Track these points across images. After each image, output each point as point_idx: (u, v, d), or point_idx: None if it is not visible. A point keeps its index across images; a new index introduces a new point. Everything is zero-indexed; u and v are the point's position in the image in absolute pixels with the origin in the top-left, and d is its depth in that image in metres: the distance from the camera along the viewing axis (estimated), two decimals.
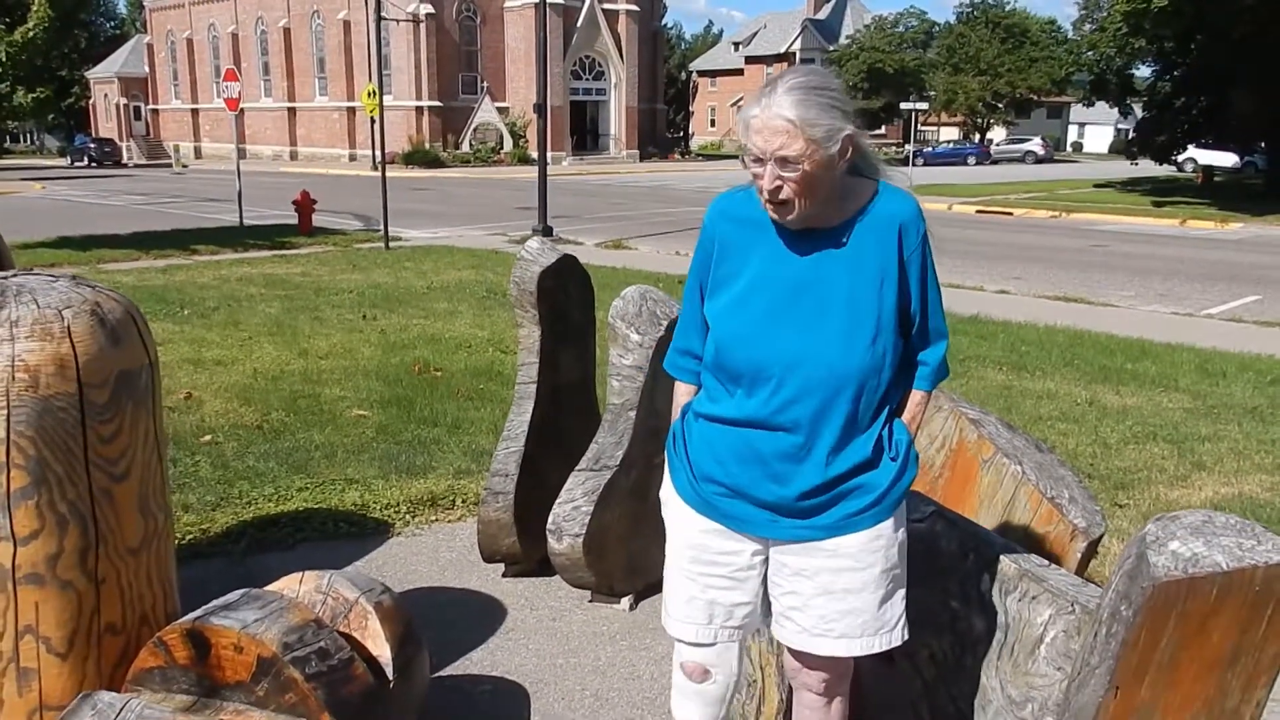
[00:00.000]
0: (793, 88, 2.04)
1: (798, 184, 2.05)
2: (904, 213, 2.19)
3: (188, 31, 63.31)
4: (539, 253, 3.93)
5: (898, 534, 2.26)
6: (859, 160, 2.17)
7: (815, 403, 2.14)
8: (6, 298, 2.42)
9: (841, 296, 2.13)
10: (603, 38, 52.00)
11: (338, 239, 17.35)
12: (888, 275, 2.15)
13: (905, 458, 2.24)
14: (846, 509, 2.19)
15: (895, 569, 2.26)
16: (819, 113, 2.02)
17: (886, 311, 2.15)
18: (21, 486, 2.37)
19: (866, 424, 2.18)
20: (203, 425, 6.12)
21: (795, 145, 2.02)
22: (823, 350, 2.13)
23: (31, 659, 2.45)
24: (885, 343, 2.16)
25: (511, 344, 8.42)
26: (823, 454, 2.16)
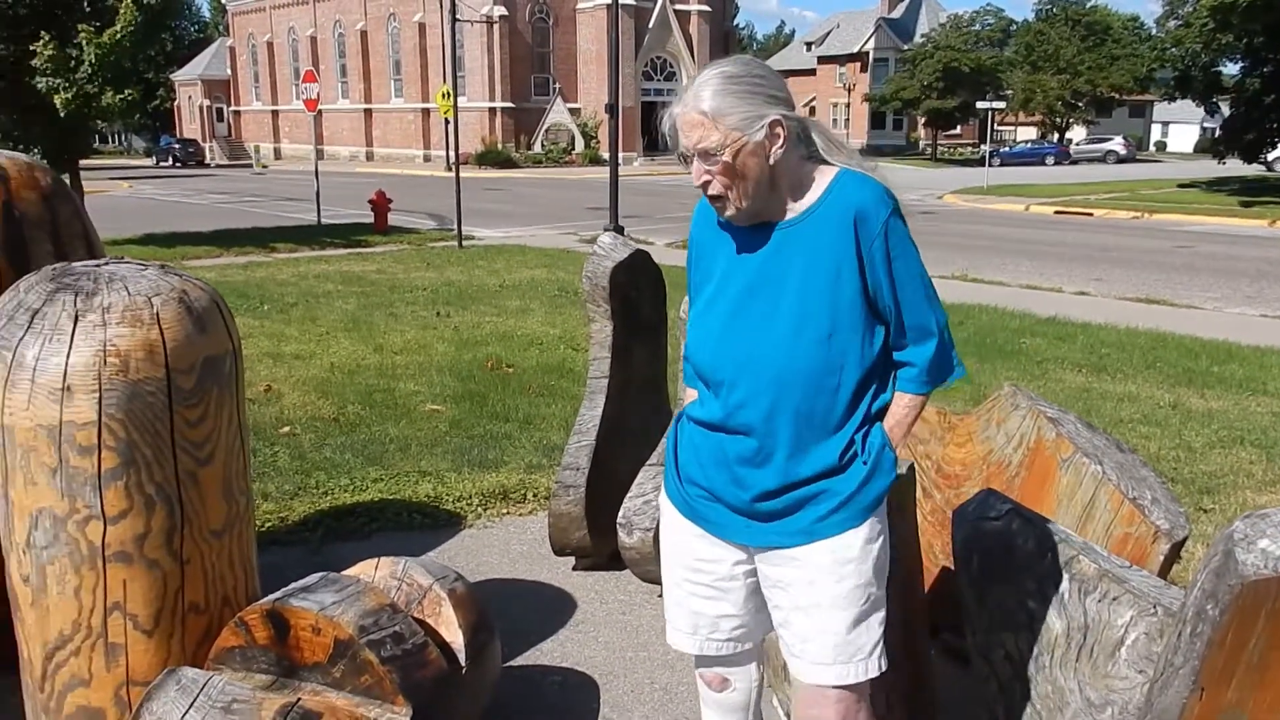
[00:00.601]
0: (708, 79, 2.00)
1: (725, 176, 1.99)
2: (861, 200, 2.03)
3: (268, 35, 64.69)
4: (611, 248, 3.94)
5: (871, 547, 2.11)
6: (815, 146, 2.08)
7: (765, 404, 2.05)
8: (99, 285, 2.50)
9: (792, 292, 2.04)
10: (674, 38, 52.01)
11: (412, 238, 17.61)
12: (845, 268, 2.02)
13: (876, 462, 2.10)
14: (811, 514, 2.09)
15: (870, 588, 2.12)
16: (735, 101, 1.96)
17: (844, 307, 2.03)
18: (111, 468, 2.44)
19: (833, 426, 2.07)
20: (282, 417, 6.25)
21: (712, 137, 1.97)
22: (769, 350, 2.05)
23: (119, 635, 2.52)
24: (845, 341, 2.04)
25: (582, 341, 8.47)
26: (781, 458, 2.07)
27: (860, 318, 2.04)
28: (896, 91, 56.33)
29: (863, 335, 2.05)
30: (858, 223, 2.01)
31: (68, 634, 2.51)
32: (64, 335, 2.40)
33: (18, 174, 3.13)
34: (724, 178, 1.99)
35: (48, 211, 3.16)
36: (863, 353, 2.06)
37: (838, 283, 2.02)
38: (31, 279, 2.57)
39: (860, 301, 2.04)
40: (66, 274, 2.56)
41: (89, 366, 2.39)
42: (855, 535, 2.08)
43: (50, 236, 3.15)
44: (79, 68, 15.74)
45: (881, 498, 2.12)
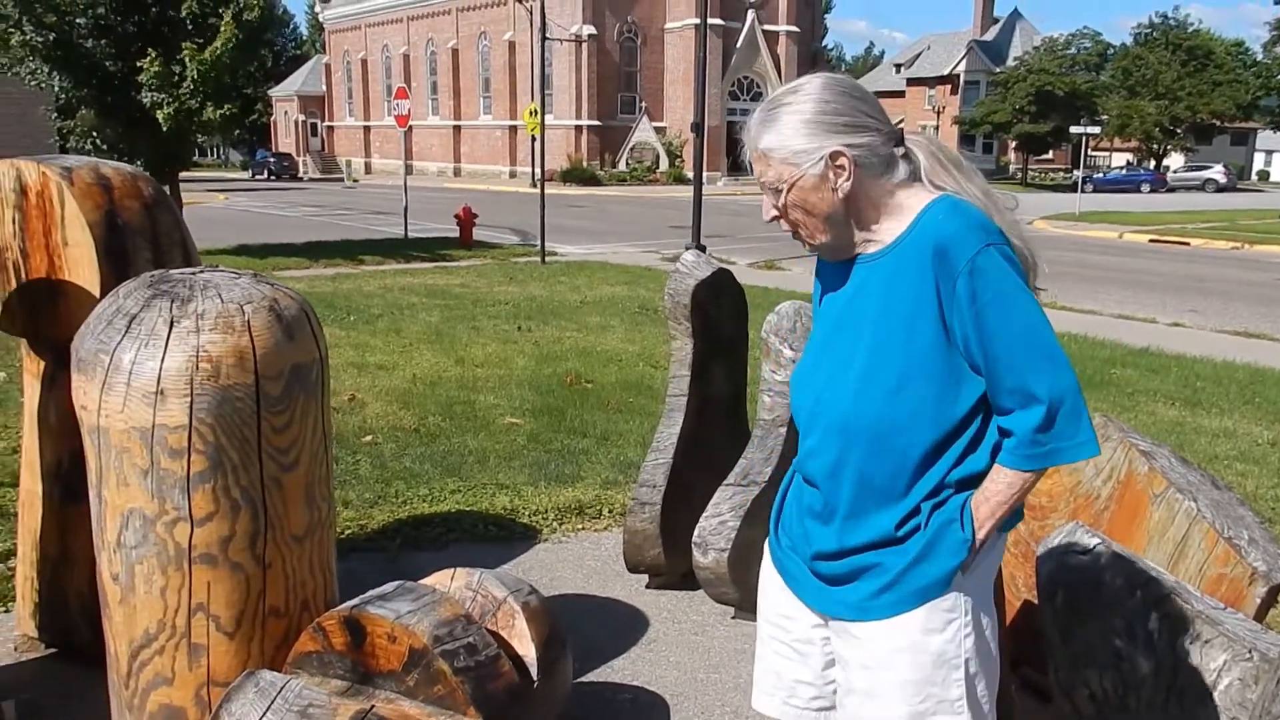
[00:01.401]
0: (761, 110, 1.86)
1: (790, 212, 1.86)
2: (943, 232, 1.77)
3: (363, 52, 66.24)
4: (694, 265, 3.94)
5: (933, 640, 1.84)
6: (919, 169, 1.88)
7: (830, 457, 1.89)
8: (194, 291, 2.57)
9: (868, 336, 1.84)
10: (762, 59, 52.00)
11: (496, 252, 17.82)
12: (921, 311, 1.78)
13: (936, 539, 1.83)
14: (864, 588, 1.89)
15: (931, 688, 1.85)
16: (789, 135, 1.81)
17: (918, 355, 1.79)
18: (200, 471, 2.50)
19: (898, 492, 1.84)
20: (364, 426, 6.36)
21: (769, 173, 1.84)
22: (838, 398, 1.87)
23: (202, 636, 2.57)
24: (919, 393, 1.80)
25: (662, 359, 8.47)
26: (839, 518, 1.90)
27: (939, 369, 1.80)
28: (987, 115, 55.53)
29: (941, 390, 1.80)
30: (937, 258, 1.77)
31: (153, 633, 2.58)
32: (159, 340, 2.47)
33: (121, 184, 3.24)
34: (790, 212, 1.87)
35: (149, 220, 3.26)
36: (940, 410, 1.81)
37: (912, 327, 1.80)
38: (131, 285, 2.65)
39: (940, 350, 1.79)
40: (164, 281, 2.63)
41: (182, 371, 2.45)
42: (910, 620, 1.85)
43: (150, 244, 3.25)
44: (182, 83, 16.30)
45: (944, 582, 1.84)
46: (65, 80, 16.61)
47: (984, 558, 1.91)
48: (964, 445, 1.85)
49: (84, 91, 16.89)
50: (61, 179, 3.11)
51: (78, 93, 16.98)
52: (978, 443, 1.85)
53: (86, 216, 3.09)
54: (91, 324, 2.57)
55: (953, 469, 1.85)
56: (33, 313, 3.27)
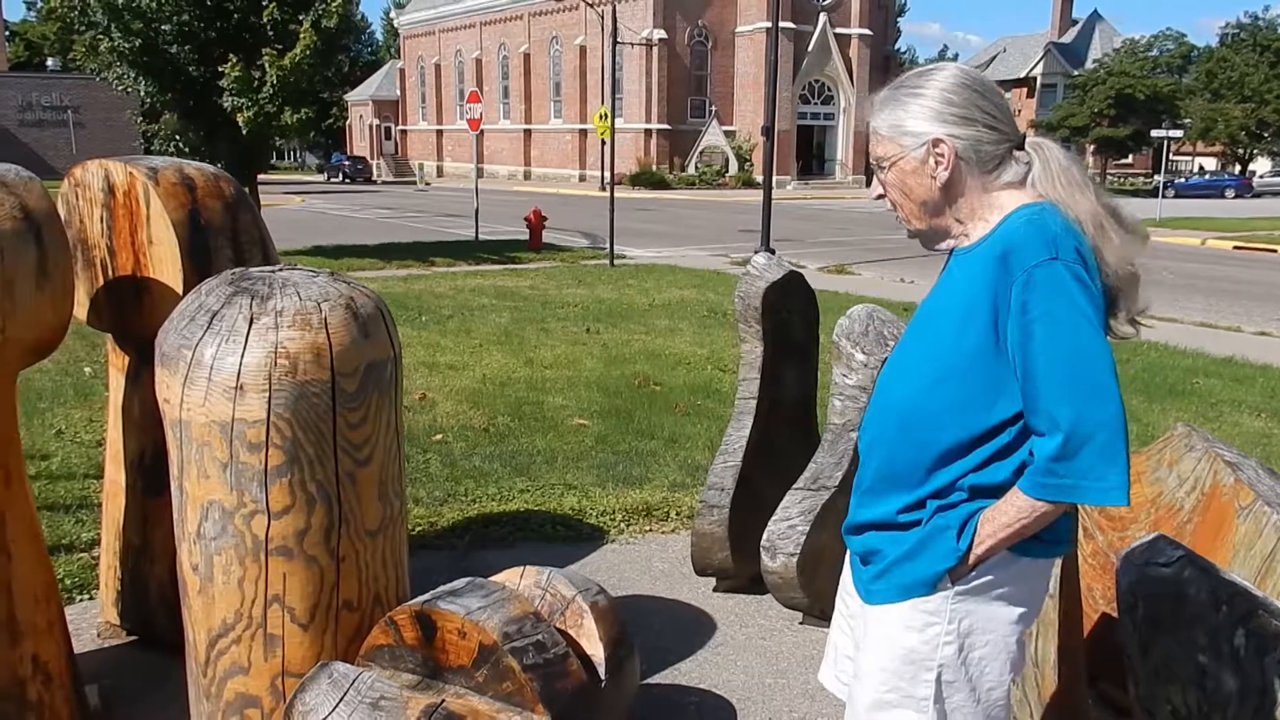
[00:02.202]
0: (887, 89, 1.91)
1: (890, 191, 1.91)
2: (1013, 238, 1.75)
3: (436, 57, 67.10)
4: (765, 268, 3.91)
5: (909, 636, 1.86)
6: (1030, 172, 1.85)
7: (870, 435, 1.97)
8: (273, 289, 2.62)
9: (930, 328, 1.89)
10: (833, 62, 51.63)
11: (565, 255, 17.92)
12: (976, 312, 1.77)
13: (928, 539, 1.84)
14: (866, 571, 1.96)
15: (898, 681, 1.88)
16: (903, 114, 1.85)
17: (962, 355, 1.78)
18: (277, 464, 2.54)
19: (912, 480, 1.86)
20: (435, 425, 6.43)
21: (878, 149, 1.90)
22: (890, 381, 1.95)
23: (277, 627, 2.62)
24: (952, 395, 1.79)
25: (730, 363, 8.44)
26: (860, 491, 1.98)
27: (978, 374, 1.78)
28: (1065, 118, 54.44)
29: (975, 395, 1.78)
30: (1000, 263, 1.75)
31: (230, 622, 2.63)
32: (239, 336, 2.52)
33: (204, 184, 3.31)
34: (890, 192, 1.92)
35: (229, 219, 3.33)
36: (969, 414, 1.79)
37: (962, 329, 1.79)
38: (213, 282, 2.71)
39: (985, 356, 1.77)
40: (244, 278, 2.69)
41: (261, 366, 2.49)
42: (892, 612, 1.89)
43: (231, 243, 3.31)
44: (261, 88, 16.67)
45: (927, 583, 1.84)
46: (150, 85, 17.08)
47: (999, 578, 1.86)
48: (987, 454, 1.81)
49: (168, 96, 17.36)
50: (147, 179, 3.19)
51: (162, 97, 17.46)
52: (1003, 455, 1.81)
53: (171, 216, 3.16)
54: (175, 320, 2.64)
55: (969, 473, 1.82)
56: (119, 309, 3.36)
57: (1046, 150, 1.87)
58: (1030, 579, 1.90)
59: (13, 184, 2.75)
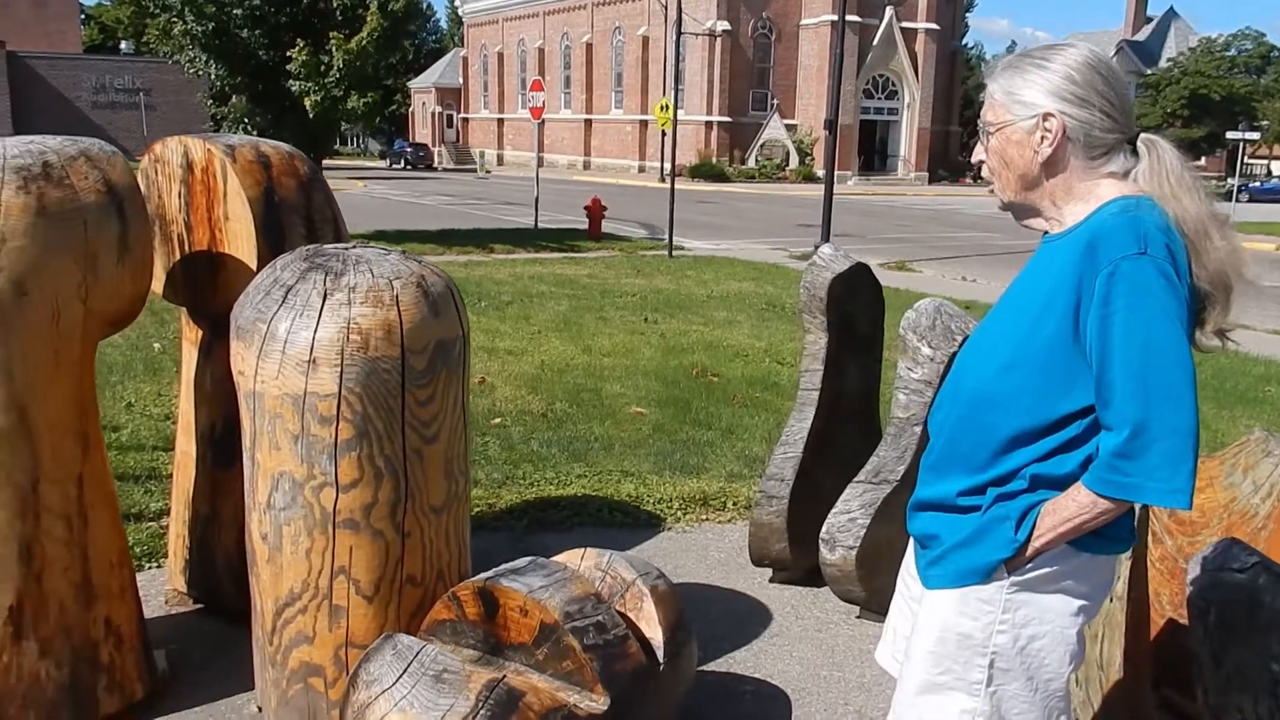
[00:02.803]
0: (1011, 57, 1.88)
1: (990, 158, 1.89)
2: (1102, 228, 1.72)
3: (499, 46, 67.44)
4: (832, 259, 3.89)
5: (962, 621, 1.85)
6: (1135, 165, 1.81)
7: (944, 411, 1.96)
8: (347, 266, 2.65)
9: (1008, 311, 1.89)
10: (898, 56, 51.04)
11: (623, 245, 17.94)
12: (1057, 300, 1.74)
13: (986, 527, 1.82)
14: (927, 555, 1.95)
15: (951, 664, 1.87)
16: (1021, 83, 1.82)
17: (1037, 342, 1.76)
18: (347, 438, 2.58)
19: (975, 463, 1.84)
20: (494, 409, 6.48)
21: (988, 113, 1.88)
22: (965, 361, 1.95)
23: (343, 598, 2.66)
24: (1024, 381, 1.77)
25: (788, 356, 8.41)
26: (926, 469, 1.97)
27: (1052, 363, 1.75)
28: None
29: (1047, 384, 1.76)
30: (1087, 252, 1.72)
31: (297, 592, 2.68)
32: (313, 311, 2.56)
33: (279, 162, 3.37)
34: (990, 158, 1.90)
35: (303, 198, 3.38)
36: (1039, 402, 1.77)
37: (1042, 314, 1.77)
38: (288, 258, 2.76)
39: (1061, 346, 1.74)
40: (319, 254, 2.73)
41: (333, 341, 2.53)
42: (946, 598, 1.88)
43: (304, 221, 3.36)
44: (328, 73, 16.90)
45: (982, 571, 1.83)
46: (221, 68, 17.38)
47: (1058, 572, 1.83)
48: (1053, 445, 1.79)
49: (238, 79, 17.66)
50: (225, 156, 3.24)
51: (232, 80, 17.77)
52: (1070, 448, 1.78)
53: (247, 193, 3.22)
54: (251, 293, 2.69)
55: (1032, 463, 1.80)
56: (194, 284, 3.43)
57: (1159, 148, 1.83)
58: (1090, 574, 1.87)
59: (97, 158, 2.81)
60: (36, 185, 2.63)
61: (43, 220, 2.62)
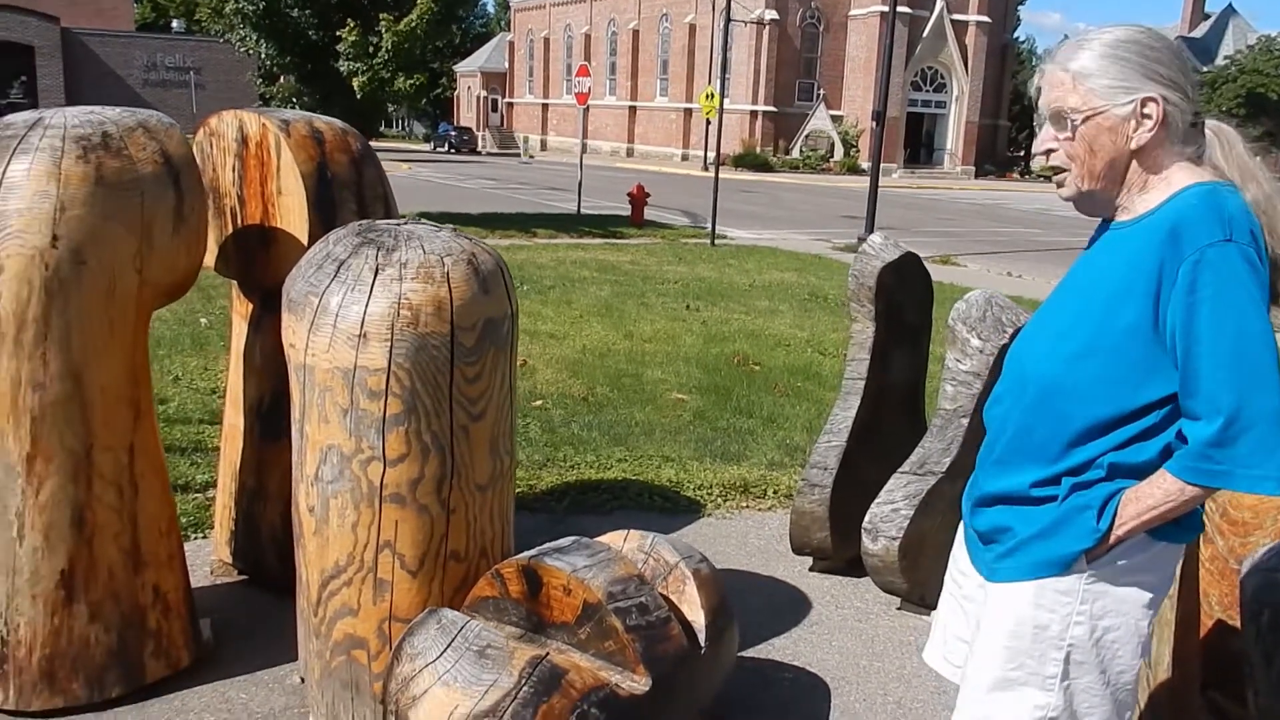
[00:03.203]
0: (1087, 39, 1.77)
1: (1069, 147, 1.77)
2: (1184, 215, 1.68)
3: (545, 31, 67.47)
4: (881, 248, 3.85)
5: (1039, 614, 1.82)
6: (1210, 152, 1.78)
7: (1007, 404, 1.90)
8: (399, 241, 2.66)
9: (1078, 298, 1.83)
10: (948, 49, 50.47)
11: (666, 232, 17.90)
12: (1134, 289, 1.71)
13: (1066, 517, 1.78)
14: (994, 550, 1.90)
15: (1025, 659, 1.83)
16: (1108, 65, 1.72)
17: (1114, 331, 1.72)
18: (395, 413, 2.59)
19: (1049, 454, 1.80)
20: (535, 391, 6.50)
21: (1069, 99, 1.75)
22: (1029, 349, 1.88)
23: (387, 572, 2.68)
24: (1102, 370, 1.73)
25: (830, 347, 8.36)
26: (989, 461, 1.92)
27: (1131, 352, 1.72)
28: None
29: (1126, 373, 1.72)
30: (1170, 239, 1.68)
31: (342, 564, 2.70)
32: (365, 286, 2.57)
33: (333, 138, 3.38)
34: (1069, 147, 1.78)
35: (355, 174, 3.40)
36: (1118, 391, 1.73)
37: (1117, 303, 1.73)
38: (340, 232, 2.77)
39: (1142, 335, 1.71)
40: (371, 230, 2.74)
41: (385, 316, 2.55)
42: (1021, 590, 1.84)
43: (355, 197, 3.38)
44: (377, 54, 16.99)
45: (1061, 562, 1.79)
46: (271, 48, 17.53)
47: (1128, 556, 1.80)
48: (1132, 434, 1.75)
49: (287, 59, 17.80)
50: (279, 131, 3.26)
51: (281, 60, 17.92)
52: (1148, 436, 1.75)
53: (300, 168, 3.24)
54: (303, 267, 2.70)
55: (1110, 452, 1.76)
56: (245, 257, 3.46)
57: (1226, 133, 1.81)
58: (1164, 563, 1.85)
59: (155, 129, 2.84)
60: (96, 155, 2.66)
61: (101, 189, 2.66)
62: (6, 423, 2.70)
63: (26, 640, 2.80)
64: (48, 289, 2.64)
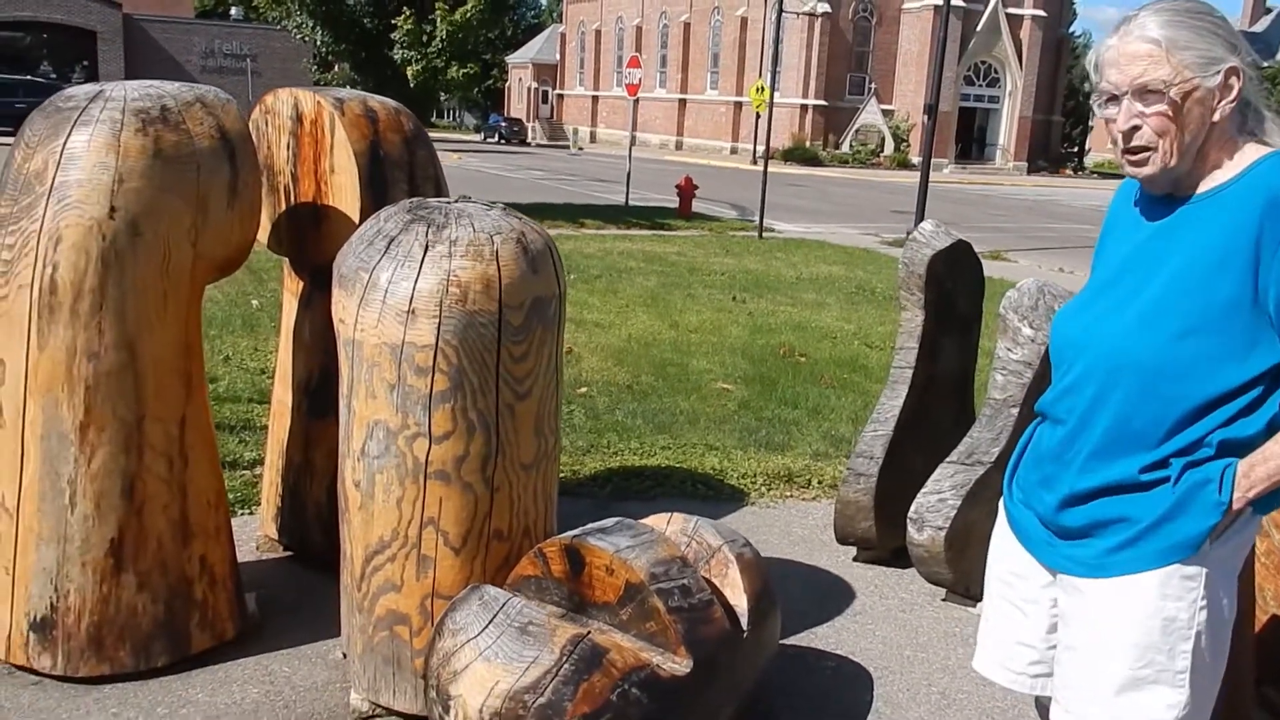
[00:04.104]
0: (1161, 9, 1.73)
1: (1160, 122, 1.71)
2: (1278, 184, 1.68)
3: (597, 23, 67.51)
4: (932, 235, 3.81)
5: (1168, 606, 1.75)
6: (1248, 116, 1.77)
7: (1091, 392, 1.80)
8: (449, 219, 2.67)
9: (1164, 276, 1.75)
10: (1002, 43, 49.81)
11: (713, 225, 17.85)
12: (1232, 259, 1.68)
13: (1187, 496, 1.73)
14: (1102, 543, 1.81)
15: (1157, 654, 1.76)
16: (1194, 36, 1.70)
17: (1216, 305, 1.69)
18: (442, 390, 2.60)
19: (1154, 439, 1.75)
20: (580, 379, 6.51)
21: (1160, 70, 1.69)
22: (1112, 334, 1.79)
23: (431, 549, 2.69)
24: (1205, 346, 1.70)
25: (877, 340, 8.29)
26: (1082, 455, 1.82)
27: (1234, 326, 1.69)
28: None
29: (1229, 347, 1.70)
30: (1268, 209, 1.66)
31: (387, 540, 2.71)
32: (414, 262, 2.58)
33: (386, 117, 3.40)
34: (1160, 122, 1.72)
35: (407, 153, 3.41)
36: (1222, 367, 1.70)
37: (1218, 275, 1.70)
38: (391, 209, 2.78)
39: (1243, 307, 1.69)
40: (422, 207, 2.75)
41: (433, 293, 2.55)
42: (1148, 580, 1.76)
43: (407, 177, 3.40)
44: (431, 43, 17.10)
45: (1191, 544, 1.74)
46: (327, 35, 17.71)
47: (1236, 534, 1.79)
48: (1237, 409, 1.73)
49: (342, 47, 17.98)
50: (334, 109, 3.29)
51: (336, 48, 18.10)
52: (1252, 409, 1.73)
53: (353, 146, 3.26)
54: (354, 243, 2.72)
55: (1217, 429, 1.73)
56: (298, 234, 3.49)
57: (1266, 109, 1.80)
58: (1251, 535, 1.84)
59: (212, 104, 2.87)
60: (154, 128, 2.69)
61: (158, 162, 2.69)
62: (61, 391, 2.75)
63: (75, 607, 2.85)
64: (104, 260, 2.68)
